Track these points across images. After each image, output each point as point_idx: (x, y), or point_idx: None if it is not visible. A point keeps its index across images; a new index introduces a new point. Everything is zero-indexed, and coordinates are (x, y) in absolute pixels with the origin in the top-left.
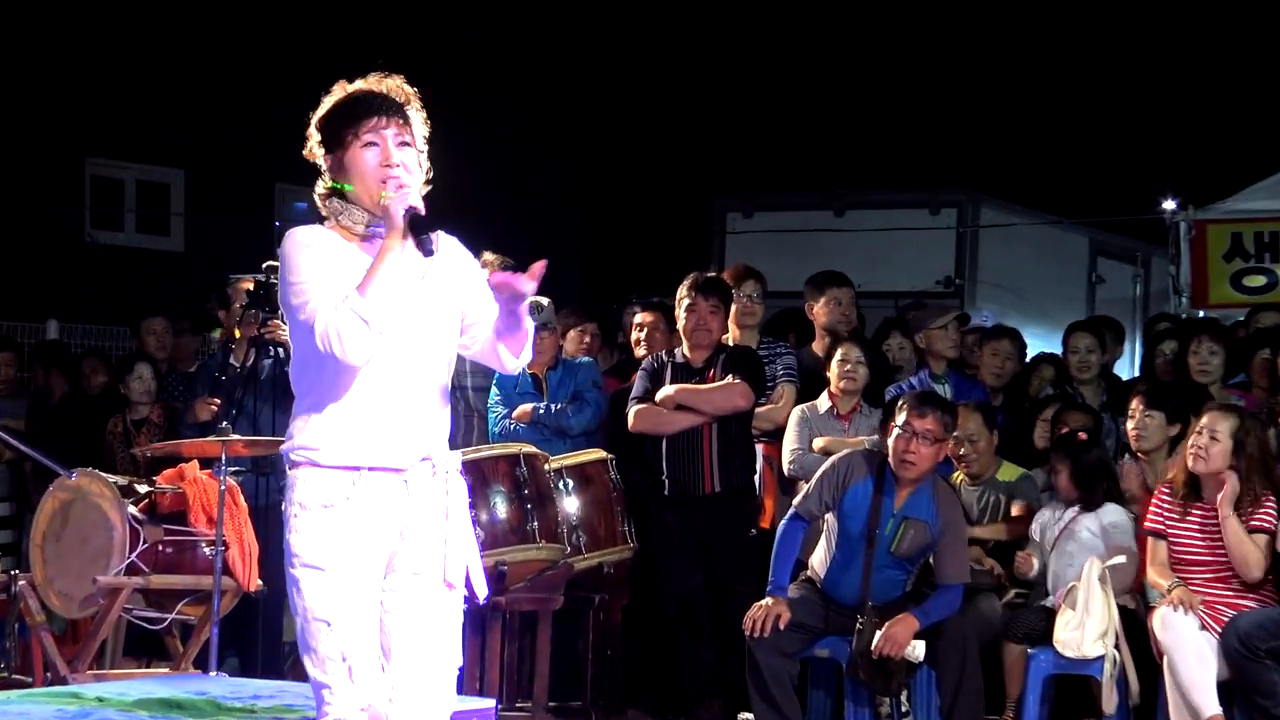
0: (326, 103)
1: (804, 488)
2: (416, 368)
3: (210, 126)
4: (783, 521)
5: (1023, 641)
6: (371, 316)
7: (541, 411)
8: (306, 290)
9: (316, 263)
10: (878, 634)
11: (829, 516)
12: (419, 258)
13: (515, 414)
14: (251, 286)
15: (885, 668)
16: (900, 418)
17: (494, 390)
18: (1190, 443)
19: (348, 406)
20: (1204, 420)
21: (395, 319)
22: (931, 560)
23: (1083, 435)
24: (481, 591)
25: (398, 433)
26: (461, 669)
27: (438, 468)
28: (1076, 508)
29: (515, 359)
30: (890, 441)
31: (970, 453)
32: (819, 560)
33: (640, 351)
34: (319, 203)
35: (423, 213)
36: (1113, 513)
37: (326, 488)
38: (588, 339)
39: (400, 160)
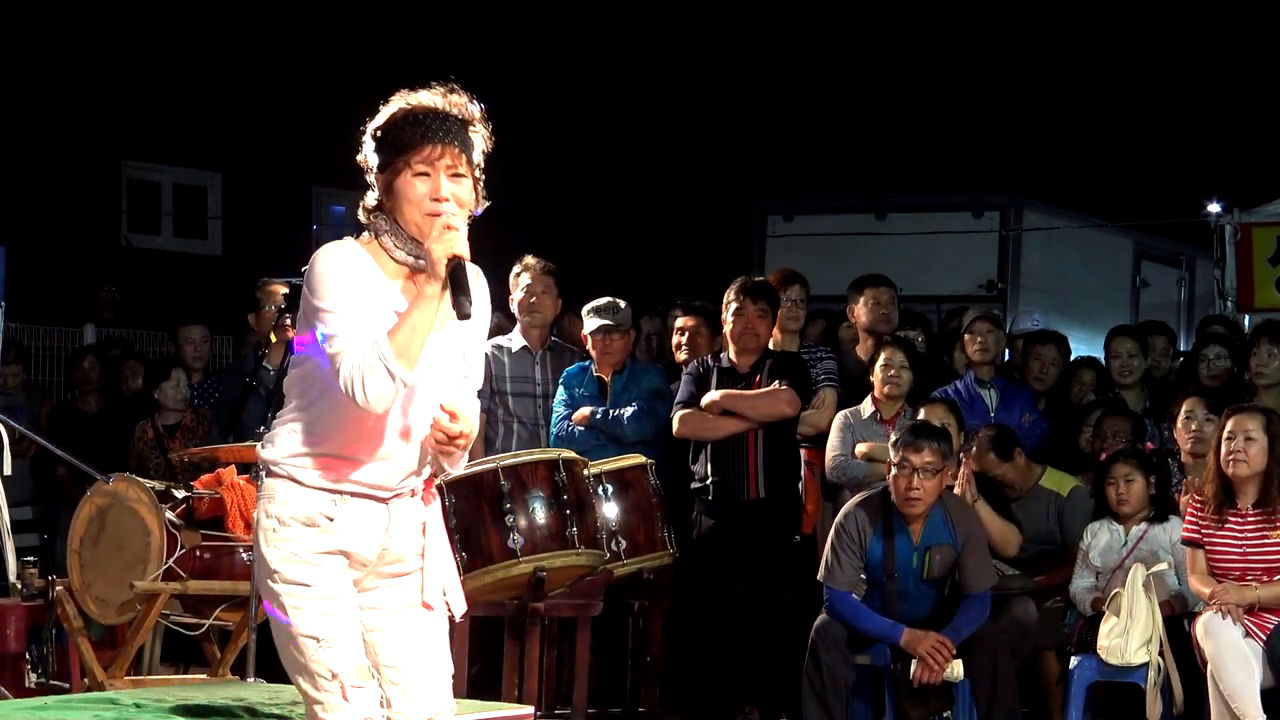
0: (384, 113)
1: (824, 564)
2: (417, 406)
3: (247, 129)
4: (829, 598)
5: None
6: (398, 369)
7: (599, 416)
8: (334, 323)
9: (346, 291)
10: (914, 663)
11: None
12: (448, 306)
13: (575, 417)
14: (286, 290)
15: (927, 694)
16: (896, 456)
17: (560, 390)
18: (1224, 450)
19: (340, 434)
20: (1231, 424)
21: (425, 366)
22: (956, 574)
23: (1150, 446)
24: (459, 610)
25: (387, 469)
26: (472, 672)
27: (419, 492)
28: (1145, 524)
29: (449, 471)
30: (890, 481)
31: (1013, 480)
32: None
33: (681, 356)
34: (363, 215)
35: (467, 259)
36: (1179, 526)
37: (307, 506)
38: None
39: (450, 193)
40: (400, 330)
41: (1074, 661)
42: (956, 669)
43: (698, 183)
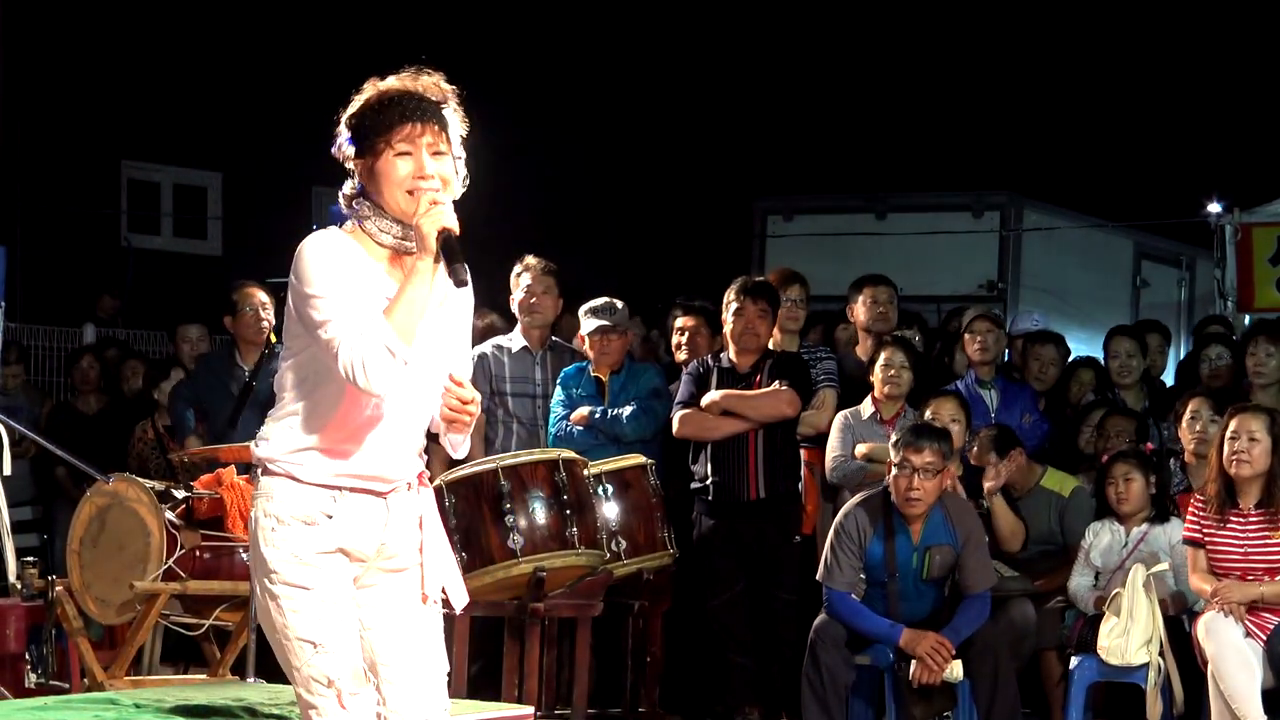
0: (357, 100)
1: (823, 564)
2: (414, 394)
3: (247, 129)
4: (829, 599)
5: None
6: (399, 347)
7: (597, 416)
8: (327, 308)
9: (336, 277)
10: (913, 663)
11: None
12: (442, 281)
13: (573, 417)
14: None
15: (928, 694)
16: (896, 456)
17: (558, 390)
18: (1227, 450)
19: (338, 427)
20: (1234, 424)
21: (420, 347)
22: (956, 574)
23: (1149, 446)
24: (459, 603)
25: (385, 458)
26: (472, 671)
27: (414, 485)
28: (1146, 524)
29: (455, 450)
30: (891, 480)
31: (1013, 481)
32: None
33: (681, 356)
34: (343, 203)
35: (457, 233)
36: (1179, 527)
37: (306, 504)
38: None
39: (435, 171)
40: (397, 309)
41: (1074, 661)
42: (956, 669)
43: (698, 183)
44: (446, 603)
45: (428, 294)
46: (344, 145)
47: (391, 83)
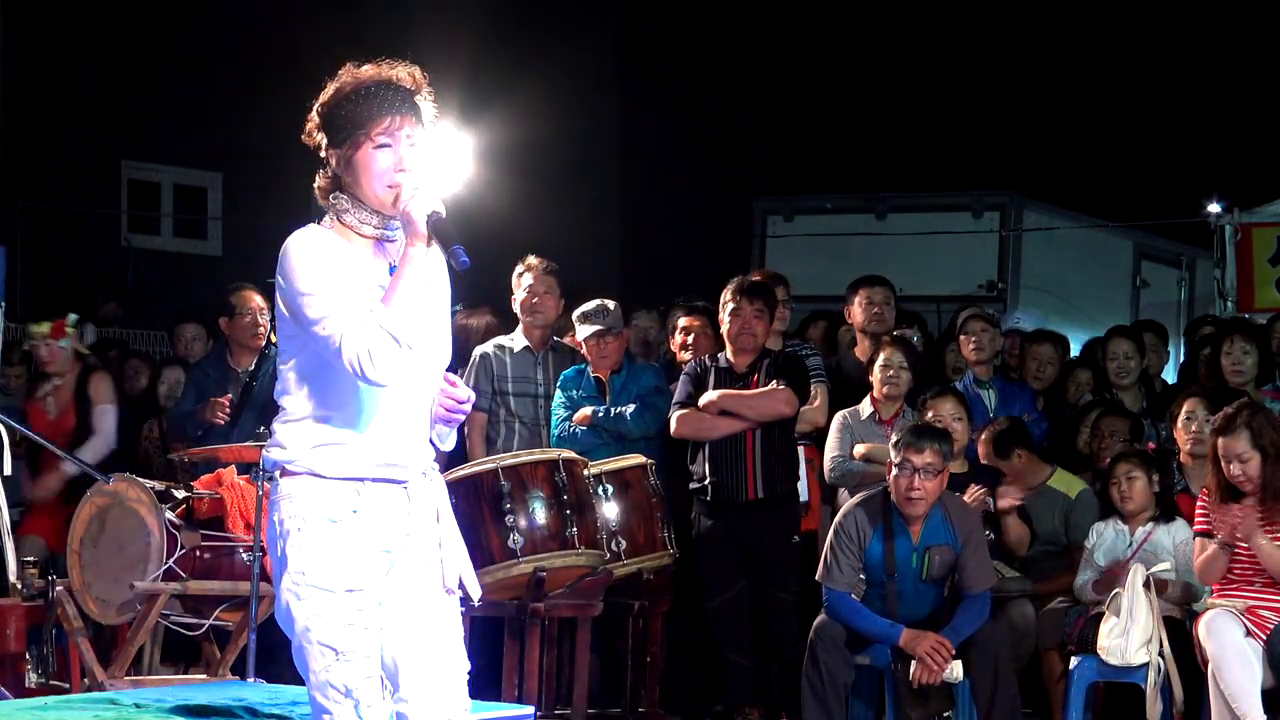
0: (331, 88)
1: (823, 564)
2: (419, 377)
3: (247, 128)
4: (828, 599)
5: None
6: (401, 334)
7: (601, 415)
8: (321, 305)
9: (327, 272)
10: (913, 664)
11: None
12: (428, 261)
13: (576, 417)
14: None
15: (927, 694)
16: (897, 456)
17: (558, 392)
18: (1226, 472)
19: (351, 418)
20: (1222, 448)
21: (420, 331)
22: (956, 575)
23: (1151, 446)
24: (475, 594)
25: (401, 444)
26: (472, 672)
27: (429, 474)
28: (1151, 524)
29: (442, 442)
30: (891, 481)
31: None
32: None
33: (684, 356)
34: (318, 195)
35: (444, 215)
36: (1183, 528)
37: (330, 501)
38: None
39: (412, 164)
40: (395, 297)
41: (1074, 661)
42: (956, 670)
43: (698, 182)
44: (464, 598)
45: (420, 277)
46: (314, 132)
47: (367, 71)
